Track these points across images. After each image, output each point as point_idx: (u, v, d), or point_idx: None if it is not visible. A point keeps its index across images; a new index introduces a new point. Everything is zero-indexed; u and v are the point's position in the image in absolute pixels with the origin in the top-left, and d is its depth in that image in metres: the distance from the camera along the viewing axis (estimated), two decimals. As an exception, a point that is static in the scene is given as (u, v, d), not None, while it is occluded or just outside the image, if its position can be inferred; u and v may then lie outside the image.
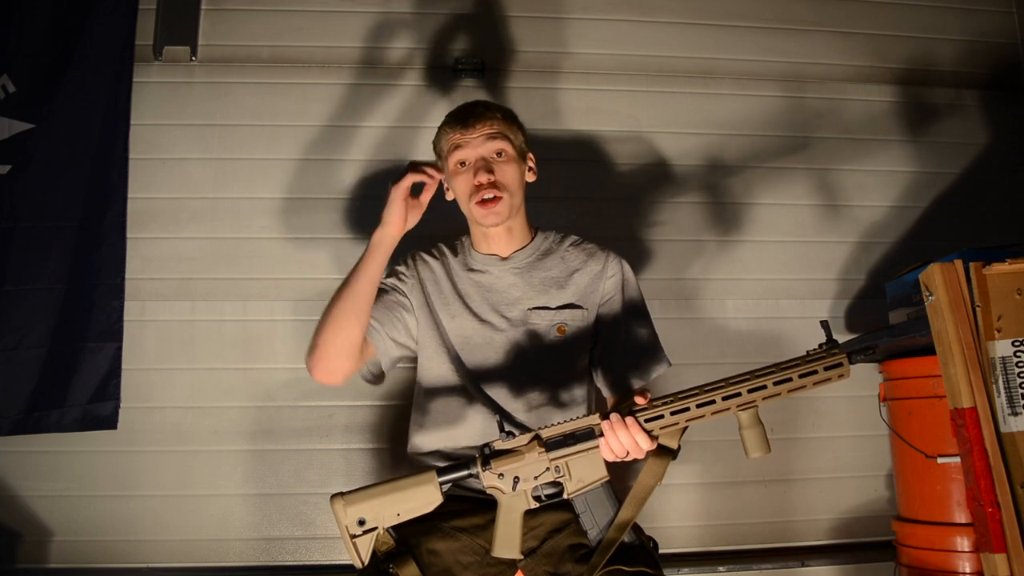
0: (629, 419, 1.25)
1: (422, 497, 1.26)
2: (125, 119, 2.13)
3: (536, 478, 1.28)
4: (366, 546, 1.28)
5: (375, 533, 1.27)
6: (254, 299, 2.15)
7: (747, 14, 2.41)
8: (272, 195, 2.20)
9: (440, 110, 2.23)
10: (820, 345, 1.26)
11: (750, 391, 1.24)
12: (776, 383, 1.23)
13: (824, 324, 1.27)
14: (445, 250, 1.72)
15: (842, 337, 2.24)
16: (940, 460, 1.84)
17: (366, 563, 1.28)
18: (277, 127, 2.23)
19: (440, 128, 1.66)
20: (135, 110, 2.15)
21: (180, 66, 2.23)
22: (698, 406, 1.25)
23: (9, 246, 2.04)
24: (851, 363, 1.23)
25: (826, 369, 1.23)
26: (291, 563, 2.07)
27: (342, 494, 1.28)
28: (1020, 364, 1.63)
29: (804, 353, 1.25)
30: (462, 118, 1.61)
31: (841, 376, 1.23)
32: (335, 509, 1.27)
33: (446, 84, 2.28)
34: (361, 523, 1.27)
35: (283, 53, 2.26)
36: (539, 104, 2.29)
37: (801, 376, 1.23)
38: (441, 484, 1.27)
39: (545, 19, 2.35)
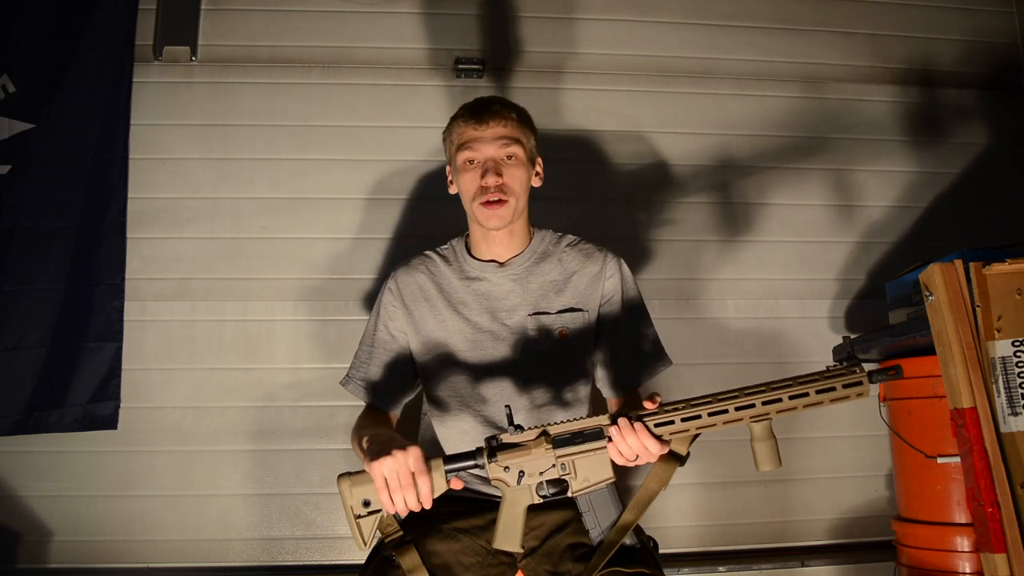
0: (638, 424, 1.23)
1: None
2: (125, 119, 2.13)
3: (541, 474, 1.27)
4: (369, 527, 1.27)
5: (379, 515, 1.27)
6: (254, 299, 2.15)
7: (747, 14, 2.41)
8: (272, 195, 2.20)
9: (441, 110, 2.25)
10: (840, 361, 1.23)
11: (764, 403, 1.21)
12: (792, 397, 1.21)
13: (847, 340, 1.23)
14: (435, 258, 1.66)
15: (842, 337, 2.25)
16: (940, 460, 1.83)
17: (368, 544, 1.28)
18: (277, 127, 2.23)
19: (452, 120, 1.61)
20: (135, 110, 2.15)
21: (180, 66, 2.23)
22: (710, 414, 1.22)
23: (9, 246, 2.04)
24: (871, 382, 1.20)
25: (845, 387, 1.20)
26: (291, 563, 2.07)
27: (349, 474, 1.28)
28: (1020, 364, 1.63)
29: (824, 368, 1.23)
30: (476, 113, 1.56)
31: (860, 395, 1.20)
32: (341, 489, 1.27)
33: (447, 84, 2.28)
34: (366, 504, 1.27)
35: (283, 53, 2.26)
36: (539, 104, 2.28)
37: (818, 392, 1.20)
38: (447, 472, 1.27)
39: (546, 19, 2.35)
